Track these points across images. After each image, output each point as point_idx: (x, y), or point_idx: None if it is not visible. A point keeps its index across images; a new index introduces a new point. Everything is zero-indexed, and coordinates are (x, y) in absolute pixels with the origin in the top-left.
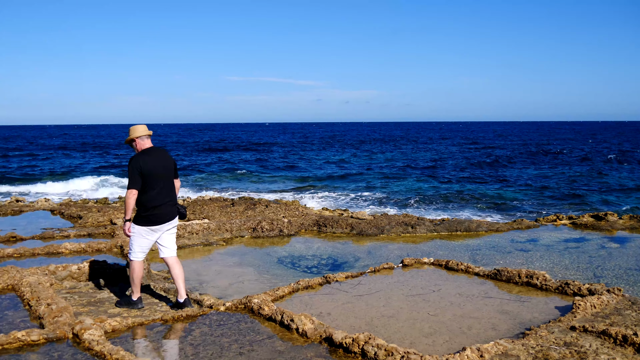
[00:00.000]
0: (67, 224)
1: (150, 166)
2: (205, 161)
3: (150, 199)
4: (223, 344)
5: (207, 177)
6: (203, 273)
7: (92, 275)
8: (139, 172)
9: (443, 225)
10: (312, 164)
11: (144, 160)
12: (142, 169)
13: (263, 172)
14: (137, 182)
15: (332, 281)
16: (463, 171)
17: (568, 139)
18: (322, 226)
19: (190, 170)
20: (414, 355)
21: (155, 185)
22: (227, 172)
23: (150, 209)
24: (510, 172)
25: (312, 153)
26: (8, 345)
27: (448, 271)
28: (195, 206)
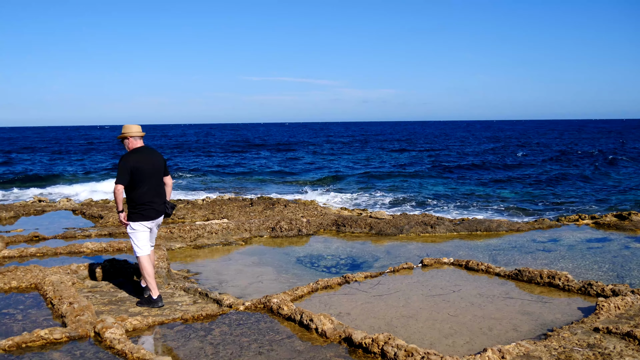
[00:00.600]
0: (89, 223)
1: (140, 164)
2: (225, 162)
3: (140, 196)
4: (242, 343)
5: (224, 177)
6: (222, 272)
7: (113, 275)
8: (128, 170)
9: (463, 225)
10: (332, 163)
11: (134, 159)
12: (131, 167)
13: (285, 171)
14: (124, 178)
15: (352, 281)
16: (484, 171)
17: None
18: (340, 226)
19: (210, 170)
20: (434, 356)
21: (144, 182)
22: (247, 171)
23: (140, 205)
24: (532, 171)
25: (331, 152)
26: (32, 343)
27: (468, 271)
28: (214, 206)
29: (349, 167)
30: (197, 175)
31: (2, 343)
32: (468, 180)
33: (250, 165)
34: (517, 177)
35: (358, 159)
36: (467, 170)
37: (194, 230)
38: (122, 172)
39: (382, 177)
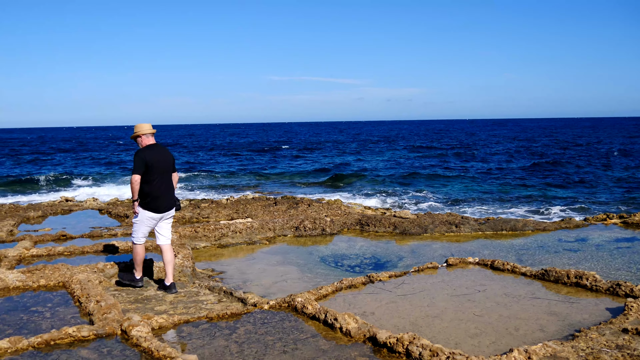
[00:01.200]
0: (115, 222)
1: (153, 160)
2: (249, 161)
3: (152, 190)
4: (267, 342)
5: (248, 177)
6: (247, 271)
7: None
8: (144, 162)
9: (488, 224)
10: (359, 162)
11: (148, 154)
12: (146, 161)
13: (308, 170)
14: (140, 168)
15: (376, 280)
16: (513, 170)
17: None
18: (364, 225)
19: (235, 169)
20: (459, 356)
21: (156, 177)
22: (272, 172)
23: (152, 198)
24: (561, 170)
25: (357, 151)
26: (60, 341)
27: (494, 271)
28: (238, 205)
29: (377, 166)
30: (223, 175)
31: (32, 340)
32: (496, 178)
33: (275, 164)
34: (548, 176)
35: (386, 158)
36: (498, 169)
37: (219, 229)
38: (138, 163)
39: (413, 176)
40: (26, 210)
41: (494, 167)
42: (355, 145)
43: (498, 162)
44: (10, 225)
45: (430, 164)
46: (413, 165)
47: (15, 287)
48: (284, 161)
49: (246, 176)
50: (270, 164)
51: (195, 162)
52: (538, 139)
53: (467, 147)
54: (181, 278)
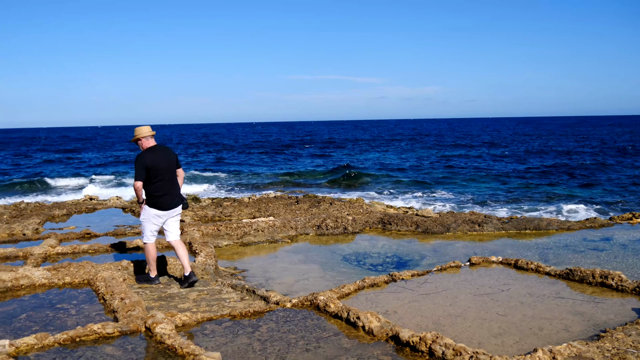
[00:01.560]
0: (138, 221)
1: (155, 161)
2: (270, 160)
3: (156, 189)
4: (290, 340)
5: (269, 176)
6: (269, 270)
7: (162, 271)
8: (144, 167)
9: (511, 223)
10: (380, 160)
11: (149, 157)
12: (146, 165)
13: (330, 169)
14: (141, 175)
15: (398, 279)
16: (537, 169)
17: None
18: (386, 224)
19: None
20: (482, 356)
21: (159, 177)
22: (293, 171)
23: (156, 197)
24: (587, 169)
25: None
26: (85, 337)
27: (517, 270)
28: (260, 204)
29: (400, 164)
30: (244, 174)
31: (57, 337)
32: (520, 177)
33: (296, 163)
34: (573, 175)
35: (409, 156)
36: (521, 168)
37: (241, 228)
38: (139, 170)
39: (437, 174)
40: (51, 209)
41: (519, 165)
42: (377, 144)
43: (522, 159)
44: (36, 224)
45: (455, 162)
46: (437, 163)
47: (41, 284)
48: (306, 160)
49: (267, 175)
50: (291, 162)
51: (217, 161)
52: (563, 137)
53: (492, 145)
54: (204, 276)
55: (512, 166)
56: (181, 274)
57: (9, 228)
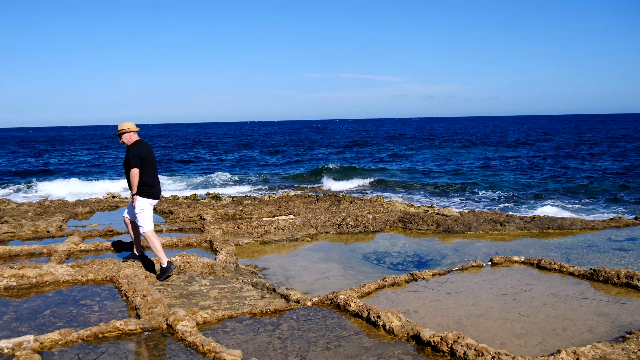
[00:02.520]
0: (159, 219)
1: (145, 154)
2: (290, 158)
3: (147, 180)
4: (310, 338)
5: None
6: (289, 268)
7: (184, 269)
8: (139, 158)
9: (534, 222)
10: (401, 159)
11: (140, 150)
12: (140, 155)
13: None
14: (138, 163)
15: (419, 278)
16: (560, 167)
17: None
18: (407, 223)
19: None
20: (505, 356)
21: (149, 169)
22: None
23: (148, 187)
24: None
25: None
26: (108, 334)
27: (540, 270)
28: (280, 202)
29: (421, 163)
30: (265, 173)
31: (81, 333)
32: (544, 176)
33: (317, 161)
34: (598, 173)
35: (430, 155)
36: (544, 166)
37: (261, 226)
38: (136, 158)
39: (458, 173)
40: (74, 206)
41: (545, 163)
42: (399, 142)
43: (549, 157)
44: (60, 221)
45: (479, 162)
46: (458, 162)
47: (65, 281)
48: (327, 158)
49: (286, 173)
50: (311, 160)
51: (235, 159)
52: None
53: (520, 143)
54: (225, 274)
55: (538, 162)
56: (202, 272)
57: (33, 225)
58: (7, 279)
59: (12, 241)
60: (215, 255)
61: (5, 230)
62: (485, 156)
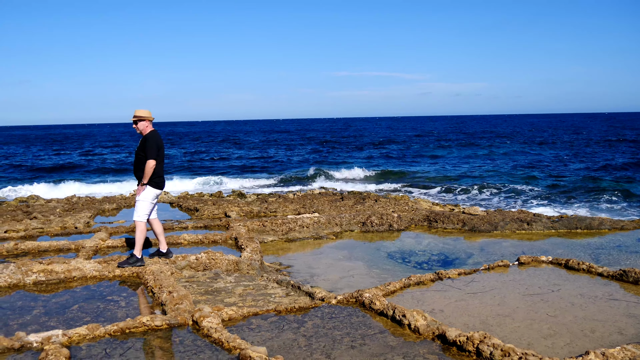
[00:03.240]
0: (185, 216)
1: (161, 144)
2: (322, 157)
3: (159, 170)
4: (335, 336)
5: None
6: (314, 266)
7: (209, 266)
8: (156, 147)
9: (561, 222)
10: (428, 157)
11: (158, 139)
12: (158, 145)
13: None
14: (155, 154)
15: (444, 278)
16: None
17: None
18: (432, 221)
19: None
20: (532, 357)
21: (161, 159)
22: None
23: (158, 177)
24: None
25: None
26: (134, 329)
27: (568, 270)
28: (305, 200)
29: (450, 162)
30: (290, 170)
31: (108, 328)
32: (572, 175)
33: (343, 159)
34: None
35: (458, 154)
36: (573, 165)
37: (286, 223)
38: (154, 149)
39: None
40: (101, 203)
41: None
42: (425, 140)
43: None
44: (87, 217)
45: (509, 160)
46: (486, 161)
47: (93, 277)
48: (353, 155)
49: (312, 171)
50: (338, 158)
51: (262, 157)
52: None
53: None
54: (249, 271)
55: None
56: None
57: (61, 221)
58: (36, 274)
59: (40, 237)
60: (240, 252)
61: (35, 226)
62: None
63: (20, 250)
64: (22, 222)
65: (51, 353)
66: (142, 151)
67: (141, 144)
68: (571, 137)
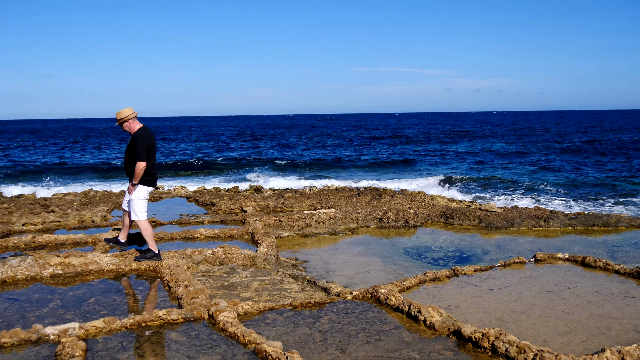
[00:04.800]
0: (201, 210)
1: (150, 141)
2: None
3: (151, 167)
4: (350, 332)
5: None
6: (329, 261)
7: (225, 261)
8: (146, 147)
9: (578, 219)
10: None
11: (147, 138)
12: (147, 143)
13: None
14: (145, 155)
15: (460, 274)
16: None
17: None
18: (448, 218)
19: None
20: (548, 354)
21: (153, 156)
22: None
23: (150, 174)
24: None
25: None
26: (151, 323)
27: (585, 268)
28: (321, 195)
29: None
30: (308, 165)
31: (124, 321)
32: (590, 171)
33: (363, 155)
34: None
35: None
36: (593, 162)
37: (302, 219)
38: (144, 150)
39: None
40: (119, 197)
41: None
42: (444, 137)
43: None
44: (104, 211)
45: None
46: (504, 156)
47: (109, 270)
48: (373, 149)
49: (330, 166)
50: (358, 154)
51: (280, 153)
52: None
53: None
54: (265, 266)
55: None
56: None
57: (79, 215)
58: (53, 267)
59: (58, 230)
60: (257, 247)
61: (52, 219)
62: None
63: (37, 244)
64: (40, 215)
65: (68, 345)
66: (131, 151)
67: (130, 143)
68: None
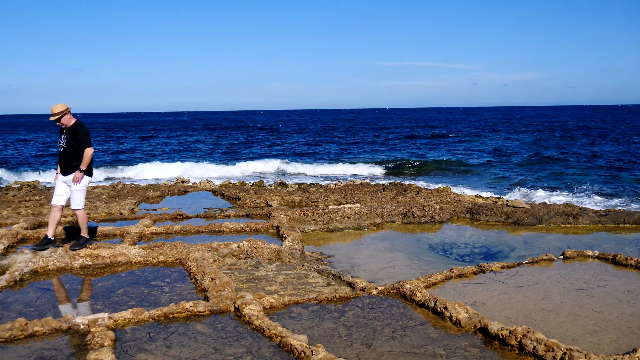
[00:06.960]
0: (227, 204)
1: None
2: (381, 148)
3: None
4: (375, 327)
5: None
6: (354, 256)
7: (251, 254)
8: (89, 136)
9: (609, 216)
10: (474, 150)
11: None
12: (89, 135)
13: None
14: (91, 142)
15: (487, 270)
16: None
17: None
18: (475, 214)
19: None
20: (577, 353)
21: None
22: (392, 156)
23: (91, 165)
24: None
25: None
26: (177, 314)
27: (615, 266)
28: (346, 190)
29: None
30: (329, 160)
31: (152, 312)
32: (622, 168)
33: (392, 150)
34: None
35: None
36: (625, 159)
37: (327, 213)
38: (88, 138)
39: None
40: (146, 190)
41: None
42: (470, 132)
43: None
44: (132, 204)
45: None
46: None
47: (137, 262)
48: (399, 146)
49: (356, 161)
50: (385, 149)
51: (302, 148)
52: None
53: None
54: (290, 260)
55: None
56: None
57: (107, 207)
58: (82, 259)
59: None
60: (282, 241)
61: None
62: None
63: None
64: (69, 207)
65: (97, 335)
66: (74, 141)
67: (71, 135)
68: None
